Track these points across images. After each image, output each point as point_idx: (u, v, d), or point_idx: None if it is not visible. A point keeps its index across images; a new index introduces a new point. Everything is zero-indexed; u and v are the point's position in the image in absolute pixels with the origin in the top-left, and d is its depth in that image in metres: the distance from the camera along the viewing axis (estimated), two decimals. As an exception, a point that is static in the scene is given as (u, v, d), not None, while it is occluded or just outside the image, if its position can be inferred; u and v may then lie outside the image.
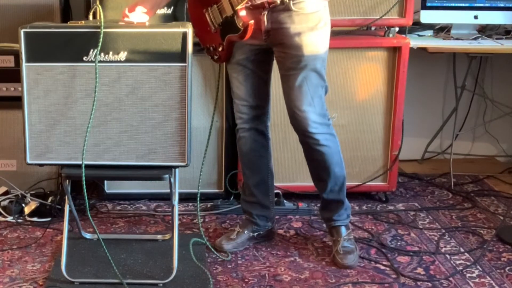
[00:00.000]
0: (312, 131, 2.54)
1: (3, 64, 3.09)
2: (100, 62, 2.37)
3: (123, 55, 2.39)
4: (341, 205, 2.73)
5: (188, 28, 2.38)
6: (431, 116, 4.01)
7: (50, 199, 3.11)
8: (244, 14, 2.40)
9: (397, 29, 3.20)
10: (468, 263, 2.70)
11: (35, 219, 3.07)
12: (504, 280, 2.56)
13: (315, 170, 2.69)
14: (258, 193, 2.80)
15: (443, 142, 4.06)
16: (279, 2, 2.38)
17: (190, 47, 2.38)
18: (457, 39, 3.49)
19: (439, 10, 3.54)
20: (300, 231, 3.01)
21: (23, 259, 2.73)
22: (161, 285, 2.48)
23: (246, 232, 2.82)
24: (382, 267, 2.66)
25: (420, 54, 3.38)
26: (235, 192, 3.26)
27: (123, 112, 2.42)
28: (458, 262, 2.71)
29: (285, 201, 3.19)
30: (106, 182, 3.28)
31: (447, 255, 2.77)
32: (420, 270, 2.64)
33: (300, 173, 3.19)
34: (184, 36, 2.37)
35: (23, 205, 3.09)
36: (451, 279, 2.57)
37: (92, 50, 2.37)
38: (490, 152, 4.08)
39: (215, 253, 2.75)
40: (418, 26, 3.57)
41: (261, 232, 2.85)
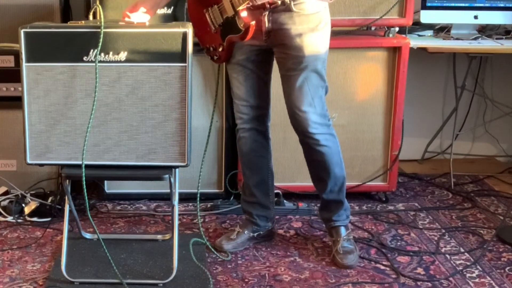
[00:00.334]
0: (312, 131, 2.55)
1: (3, 64, 3.09)
2: (100, 62, 2.37)
3: (123, 55, 2.38)
4: (340, 205, 2.73)
5: (188, 28, 2.38)
6: (431, 116, 4.01)
7: (50, 199, 3.11)
8: (246, 14, 2.39)
9: (397, 29, 3.20)
10: (468, 263, 2.69)
11: (35, 219, 3.07)
12: (504, 280, 2.56)
13: (315, 170, 2.69)
14: (258, 193, 2.80)
15: (443, 142, 4.06)
16: (280, 2, 2.38)
17: (190, 47, 2.38)
18: (457, 39, 3.49)
19: (439, 10, 3.53)
20: (300, 231, 3.01)
21: (23, 259, 2.72)
22: (161, 285, 2.48)
23: (246, 232, 2.82)
24: (382, 267, 2.66)
25: (420, 54, 3.38)
26: (235, 192, 3.26)
27: (123, 112, 2.42)
28: (458, 262, 2.71)
29: (285, 201, 3.19)
30: (106, 182, 3.28)
31: (447, 255, 2.77)
32: (420, 270, 2.64)
33: (300, 173, 3.19)
34: (184, 36, 2.37)
35: (23, 205, 3.09)
36: (451, 279, 2.56)
37: (92, 50, 2.37)
38: (490, 152, 4.08)
39: (215, 253, 2.75)
40: (418, 26, 3.57)
41: (261, 232, 2.85)
